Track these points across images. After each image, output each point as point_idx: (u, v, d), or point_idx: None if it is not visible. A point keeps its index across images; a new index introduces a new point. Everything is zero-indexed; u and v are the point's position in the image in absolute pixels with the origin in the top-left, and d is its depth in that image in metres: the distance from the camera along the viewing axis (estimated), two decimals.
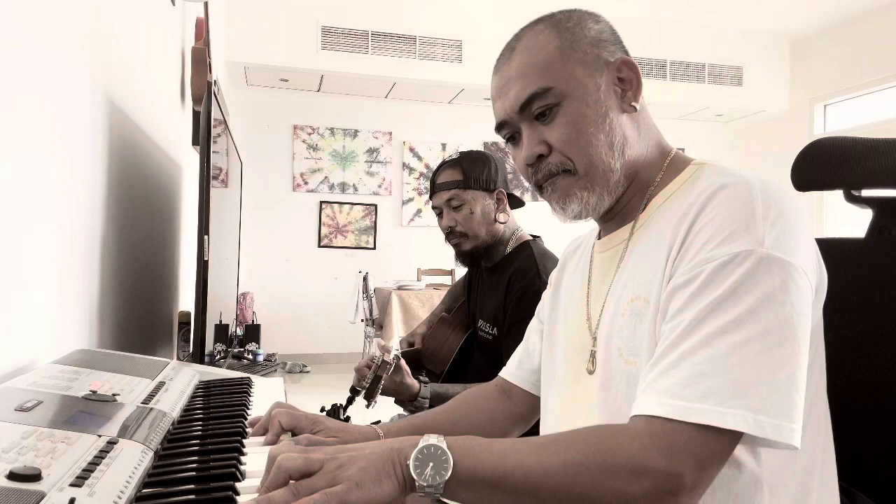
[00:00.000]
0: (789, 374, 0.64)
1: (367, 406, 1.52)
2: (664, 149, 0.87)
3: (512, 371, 1.07)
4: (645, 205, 0.84)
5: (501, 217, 1.70)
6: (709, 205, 0.72)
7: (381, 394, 1.51)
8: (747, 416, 0.61)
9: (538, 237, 1.76)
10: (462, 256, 1.76)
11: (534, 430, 1.11)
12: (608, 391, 0.80)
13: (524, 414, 1.04)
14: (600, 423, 0.78)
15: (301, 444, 0.74)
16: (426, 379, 1.59)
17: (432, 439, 0.64)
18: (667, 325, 0.70)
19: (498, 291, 1.65)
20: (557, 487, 0.63)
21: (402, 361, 1.52)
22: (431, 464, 0.62)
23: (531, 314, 1.10)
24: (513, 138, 0.89)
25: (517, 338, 1.13)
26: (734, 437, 0.63)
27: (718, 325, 0.65)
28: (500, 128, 0.89)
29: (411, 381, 1.53)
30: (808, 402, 0.72)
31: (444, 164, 1.74)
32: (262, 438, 0.87)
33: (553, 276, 1.06)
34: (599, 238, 0.93)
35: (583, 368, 0.86)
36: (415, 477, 0.62)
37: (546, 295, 1.06)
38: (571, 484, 0.63)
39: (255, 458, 0.77)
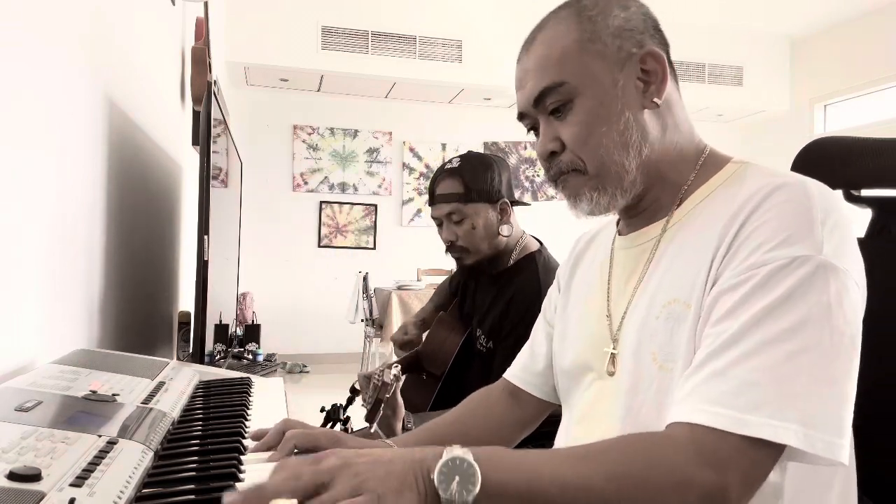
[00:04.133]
0: (841, 387, 0.62)
1: (370, 430, 1.47)
2: (697, 145, 0.83)
3: (517, 374, 1.04)
4: (679, 203, 0.80)
5: (504, 230, 1.61)
6: (763, 205, 0.68)
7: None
8: (798, 431, 0.59)
9: (542, 244, 1.69)
10: (463, 269, 1.72)
11: (540, 432, 1.10)
12: (635, 397, 0.76)
13: (532, 417, 1.02)
14: (626, 430, 0.76)
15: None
16: (410, 420, 1.53)
17: (457, 451, 0.59)
18: (712, 329, 0.67)
19: (498, 306, 1.59)
20: (597, 501, 0.59)
21: (400, 382, 1.48)
22: (458, 477, 0.58)
23: (526, 336, 1.07)
24: (534, 128, 0.86)
25: (509, 357, 1.09)
26: (780, 449, 0.61)
27: (772, 333, 0.62)
28: (520, 118, 0.87)
29: (401, 401, 1.50)
30: None
31: (444, 173, 1.64)
32: (265, 454, 0.81)
33: (563, 272, 1.02)
34: (621, 234, 0.89)
35: (602, 370, 0.82)
36: (440, 492, 0.57)
37: (553, 293, 1.03)
38: (614, 498, 0.59)
39: (256, 457, 0.77)
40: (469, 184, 1.59)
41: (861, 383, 0.74)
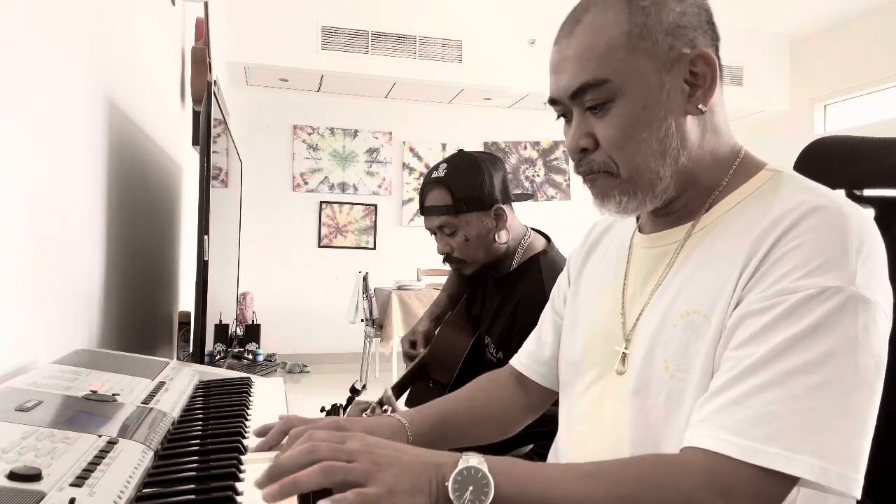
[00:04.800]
0: (861, 422, 0.61)
1: None
2: (733, 147, 0.80)
3: (523, 361, 1.03)
4: (708, 207, 0.77)
5: (502, 236, 1.52)
6: (797, 227, 0.66)
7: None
8: (814, 464, 0.58)
9: (548, 248, 1.59)
10: (466, 279, 1.67)
11: (540, 431, 1.10)
12: (644, 401, 0.75)
13: (538, 404, 1.03)
14: (628, 434, 0.76)
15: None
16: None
17: (473, 460, 0.61)
18: (734, 353, 0.65)
19: (505, 312, 1.52)
20: None
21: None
22: (471, 487, 0.59)
23: None
24: (564, 116, 0.81)
25: None
26: (794, 481, 0.60)
27: (795, 364, 0.61)
28: (551, 102, 0.81)
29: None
30: None
31: (431, 183, 1.53)
32: (264, 454, 0.81)
33: (573, 262, 1.00)
34: (642, 231, 0.86)
35: (610, 367, 0.82)
36: (453, 500, 0.59)
37: (563, 282, 1.02)
38: None
39: (256, 457, 0.77)
40: (457, 193, 1.49)
41: None
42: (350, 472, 0.58)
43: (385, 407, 1.39)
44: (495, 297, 1.60)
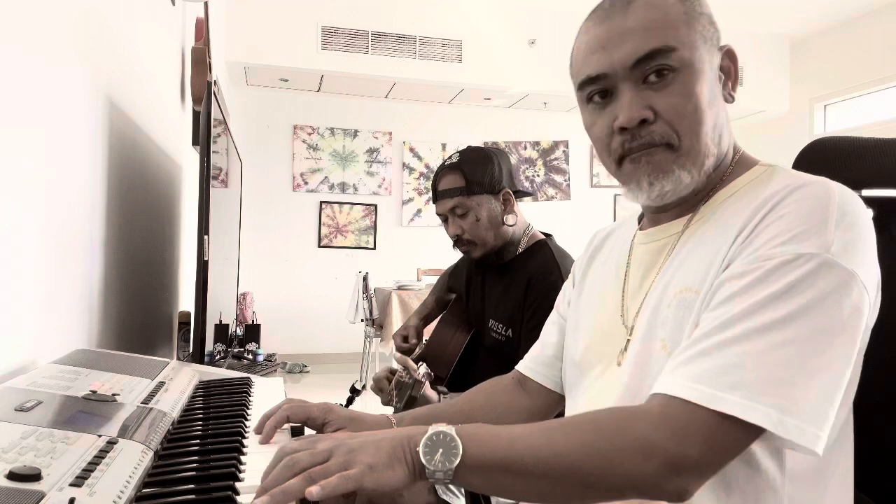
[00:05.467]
0: (825, 381, 0.62)
1: None
2: (734, 146, 0.84)
3: (527, 364, 1.05)
4: (705, 200, 0.80)
5: (509, 219, 1.63)
6: (786, 199, 0.69)
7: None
8: (772, 414, 0.60)
9: (550, 235, 1.71)
10: (472, 263, 1.73)
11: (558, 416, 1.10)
12: (642, 381, 0.77)
13: (540, 408, 1.03)
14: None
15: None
16: (444, 389, 1.56)
17: (441, 427, 0.64)
18: (710, 313, 0.68)
19: (513, 293, 1.59)
20: (568, 468, 0.63)
21: (428, 381, 1.50)
22: (441, 450, 0.63)
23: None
24: (601, 95, 0.79)
25: (533, 340, 1.10)
26: (753, 432, 0.62)
27: (763, 322, 0.63)
28: (590, 82, 0.79)
29: (431, 393, 1.51)
30: (842, 418, 0.71)
31: (444, 168, 1.67)
32: (261, 437, 0.86)
33: (577, 267, 1.02)
34: (643, 229, 0.89)
35: (612, 362, 0.83)
36: (424, 463, 0.63)
37: (567, 287, 1.04)
38: (581, 464, 0.62)
39: (255, 457, 0.77)
40: (469, 176, 1.61)
41: (862, 382, 0.74)
42: (329, 468, 0.61)
43: (424, 369, 1.48)
44: (500, 284, 1.67)
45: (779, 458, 0.69)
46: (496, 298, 1.67)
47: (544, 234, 1.72)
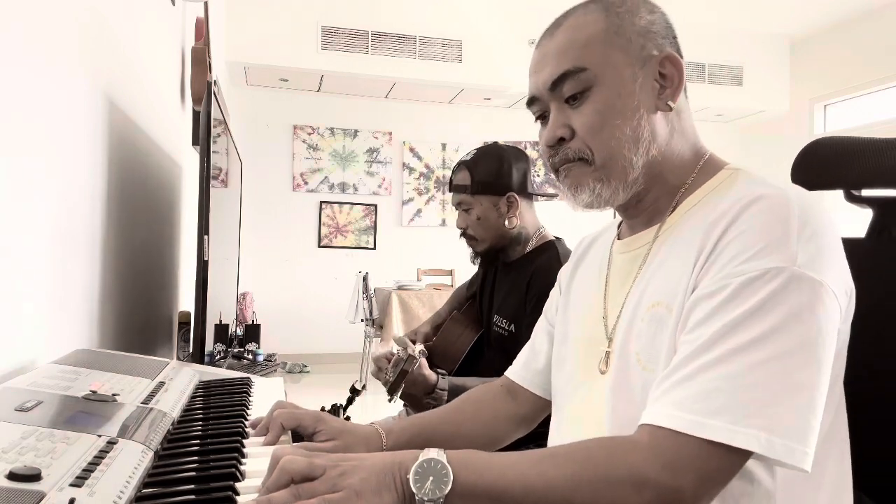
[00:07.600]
0: (808, 396, 0.62)
1: (390, 400, 1.54)
2: (698, 151, 0.85)
3: (517, 371, 1.05)
4: (673, 207, 0.82)
5: (511, 222, 1.68)
6: (743, 215, 0.69)
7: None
8: (760, 436, 0.60)
9: (561, 239, 1.74)
10: (476, 255, 1.78)
11: (537, 432, 1.10)
12: (620, 395, 0.78)
13: (528, 415, 1.03)
14: (610, 431, 0.78)
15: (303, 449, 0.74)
16: (443, 371, 1.59)
17: (432, 453, 0.64)
18: (686, 337, 0.68)
19: (518, 289, 1.62)
20: (558, 500, 0.62)
21: (423, 359, 1.53)
22: (431, 478, 0.62)
23: None
24: (542, 117, 0.86)
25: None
26: (743, 456, 0.62)
27: (740, 342, 0.63)
28: (530, 103, 0.86)
29: (429, 372, 1.53)
30: (827, 422, 0.71)
31: (459, 165, 1.75)
32: (262, 439, 0.86)
33: (563, 274, 1.04)
34: (620, 238, 0.90)
35: (595, 369, 0.84)
36: (414, 491, 0.62)
37: (555, 294, 1.05)
38: (572, 496, 0.62)
39: (256, 459, 0.77)
40: (476, 176, 1.68)
41: (860, 384, 0.74)
42: (315, 488, 0.61)
43: (420, 347, 1.54)
44: (507, 279, 1.72)
45: (769, 467, 0.70)
46: (502, 295, 1.71)
47: (556, 237, 1.75)
